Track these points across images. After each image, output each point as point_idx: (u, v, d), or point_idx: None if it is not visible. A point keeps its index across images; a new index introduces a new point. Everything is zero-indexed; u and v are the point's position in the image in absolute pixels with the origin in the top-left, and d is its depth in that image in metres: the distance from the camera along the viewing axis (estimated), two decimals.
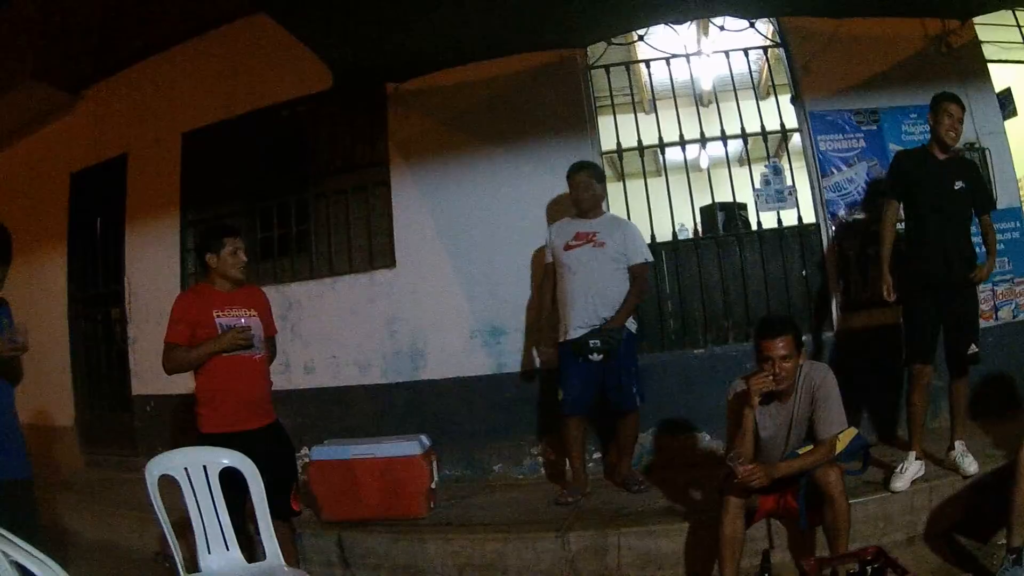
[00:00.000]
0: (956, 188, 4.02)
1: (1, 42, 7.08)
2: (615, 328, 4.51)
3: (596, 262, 4.60)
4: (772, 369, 3.25)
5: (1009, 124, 5.46)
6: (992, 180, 5.01)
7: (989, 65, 5.32)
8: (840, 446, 3.36)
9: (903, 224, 4.30)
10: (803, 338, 3.41)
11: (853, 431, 3.57)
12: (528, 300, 5.33)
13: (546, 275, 4.88)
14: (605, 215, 4.83)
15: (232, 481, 3.16)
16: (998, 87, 5.41)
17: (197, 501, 3.12)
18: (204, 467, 3.14)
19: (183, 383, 4.08)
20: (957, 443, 3.99)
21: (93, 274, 7.18)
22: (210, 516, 3.13)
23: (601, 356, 4.45)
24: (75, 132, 7.36)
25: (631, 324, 4.65)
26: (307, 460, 4.65)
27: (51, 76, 7.02)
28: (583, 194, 4.71)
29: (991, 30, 5.37)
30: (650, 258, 4.76)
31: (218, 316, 3.60)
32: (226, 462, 3.16)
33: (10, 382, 3.39)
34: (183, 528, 3.11)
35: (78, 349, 7.18)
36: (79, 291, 7.23)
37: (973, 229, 4.18)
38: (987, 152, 5.12)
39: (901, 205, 4.24)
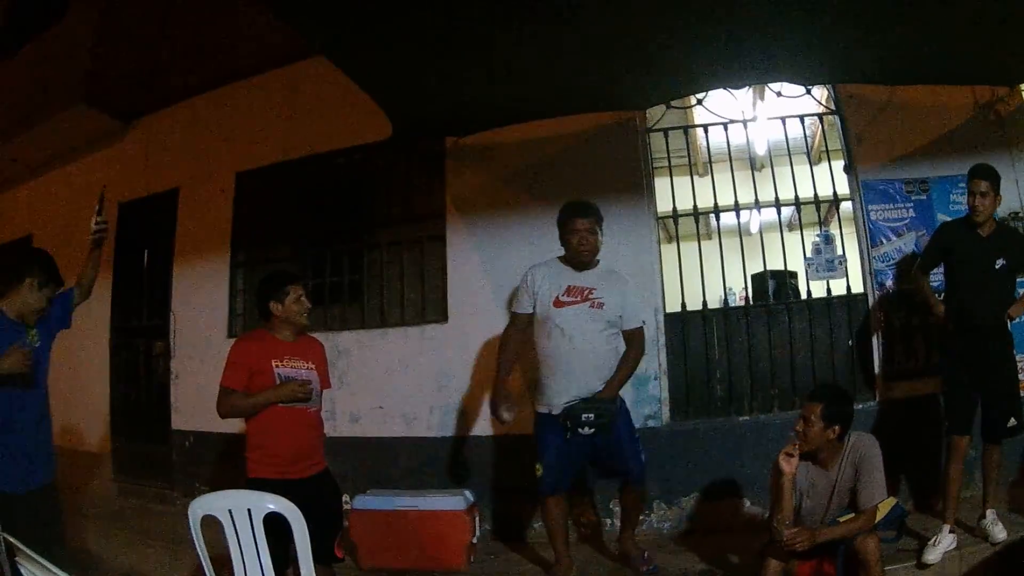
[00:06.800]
0: (997, 267, 4.28)
1: (53, 62, 7.31)
2: (609, 399, 4.23)
3: (593, 326, 4.26)
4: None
5: None
6: None
7: None
8: (879, 515, 3.65)
9: (941, 296, 4.59)
10: (847, 409, 3.66)
11: (892, 501, 3.84)
12: None
13: (516, 325, 4.48)
14: (599, 267, 4.43)
15: (276, 525, 3.23)
16: None
17: (239, 543, 3.21)
18: (248, 511, 3.21)
19: (226, 423, 4.26)
20: (988, 511, 4.28)
21: (138, 306, 7.44)
22: (251, 559, 3.21)
23: (593, 431, 4.16)
24: (125, 162, 7.65)
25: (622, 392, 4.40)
26: (348, 508, 4.78)
27: (103, 102, 7.30)
28: (585, 244, 4.29)
29: None
30: (646, 320, 4.53)
31: (277, 366, 3.73)
32: (271, 507, 3.22)
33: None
34: (219, 566, 3.26)
35: (118, 379, 7.44)
36: (122, 322, 7.51)
37: None
38: None
39: (942, 272, 4.55)
